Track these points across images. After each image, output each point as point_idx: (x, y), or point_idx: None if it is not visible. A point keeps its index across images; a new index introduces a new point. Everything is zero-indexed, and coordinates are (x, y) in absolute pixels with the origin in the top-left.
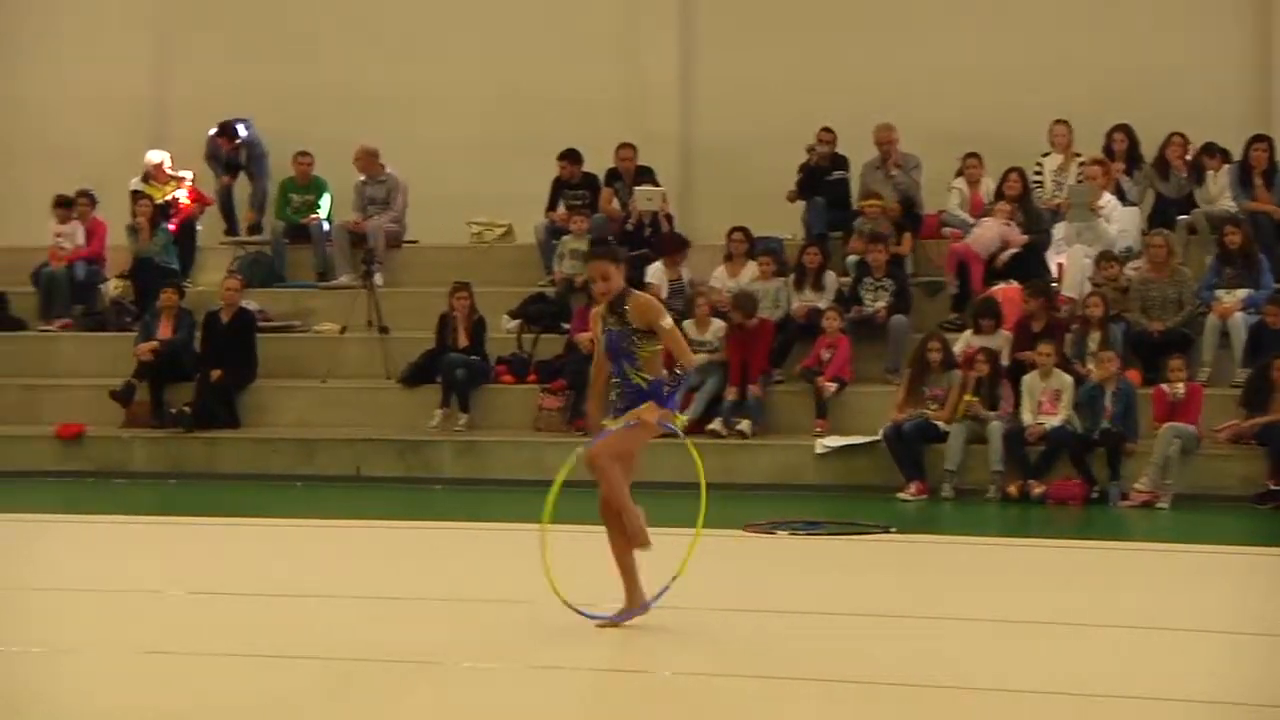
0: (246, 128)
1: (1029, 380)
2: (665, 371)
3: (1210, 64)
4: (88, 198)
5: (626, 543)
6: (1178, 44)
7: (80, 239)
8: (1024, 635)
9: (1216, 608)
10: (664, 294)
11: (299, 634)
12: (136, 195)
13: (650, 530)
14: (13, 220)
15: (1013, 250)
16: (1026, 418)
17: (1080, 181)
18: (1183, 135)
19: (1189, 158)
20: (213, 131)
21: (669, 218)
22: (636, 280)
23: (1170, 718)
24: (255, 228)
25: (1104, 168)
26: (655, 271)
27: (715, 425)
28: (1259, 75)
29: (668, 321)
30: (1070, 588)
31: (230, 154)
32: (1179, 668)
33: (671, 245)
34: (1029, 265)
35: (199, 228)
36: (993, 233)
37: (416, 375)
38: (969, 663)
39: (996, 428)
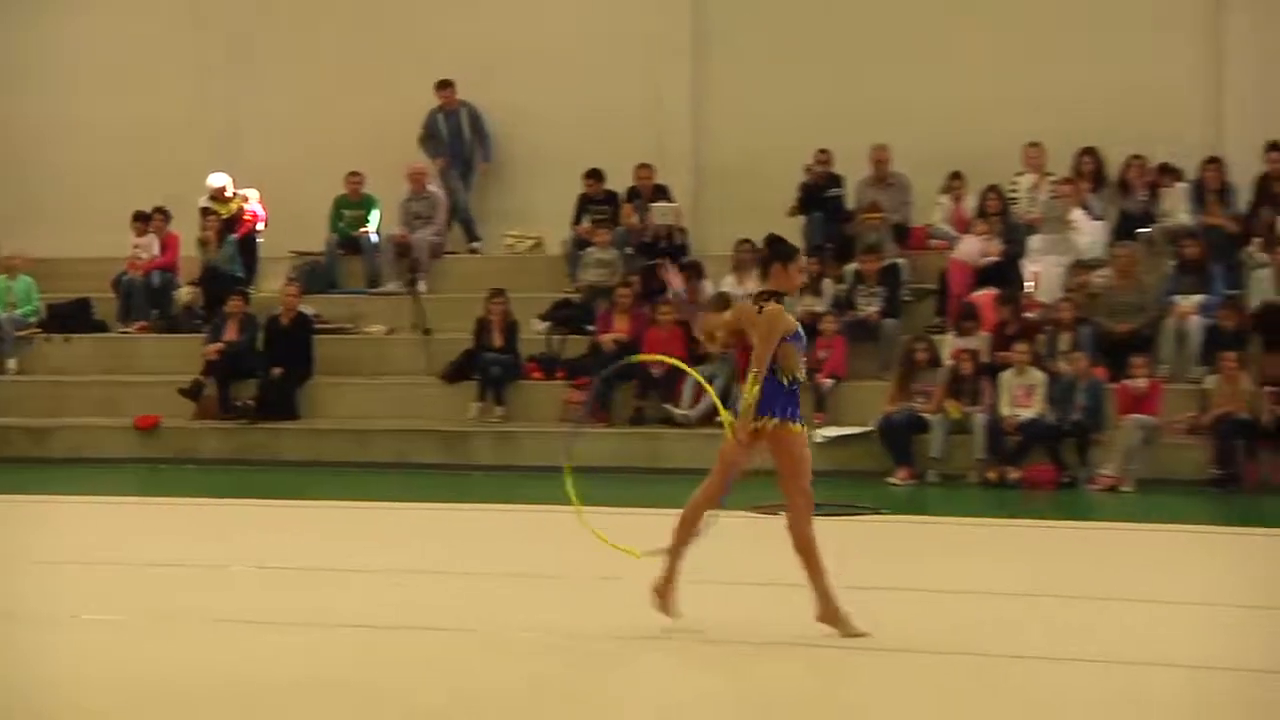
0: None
1: (1006, 377)
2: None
3: (1167, 93)
4: (163, 214)
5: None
6: (1137, 75)
7: (156, 250)
8: (1002, 605)
9: (1176, 581)
10: None
11: (350, 604)
12: (205, 212)
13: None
14: (96, 233)
15: (991, 260)
16: (1004, 410)
17: (1053, 198)
18: (1142, 157)
19: (1147, 178)
20: (435, 105)
21: (683, 230)
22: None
23: (1129, 679)
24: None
25: (1074, 186)
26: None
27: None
28: (1210, 103)
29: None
30: (1044, 563)
31: (451, 115)
32: (1141, 634)
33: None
34: (1007, 273)
35: (259, 240)
36: (974, 247)
37: (456, 372)
38: (956, 630)
39: (978, 420)
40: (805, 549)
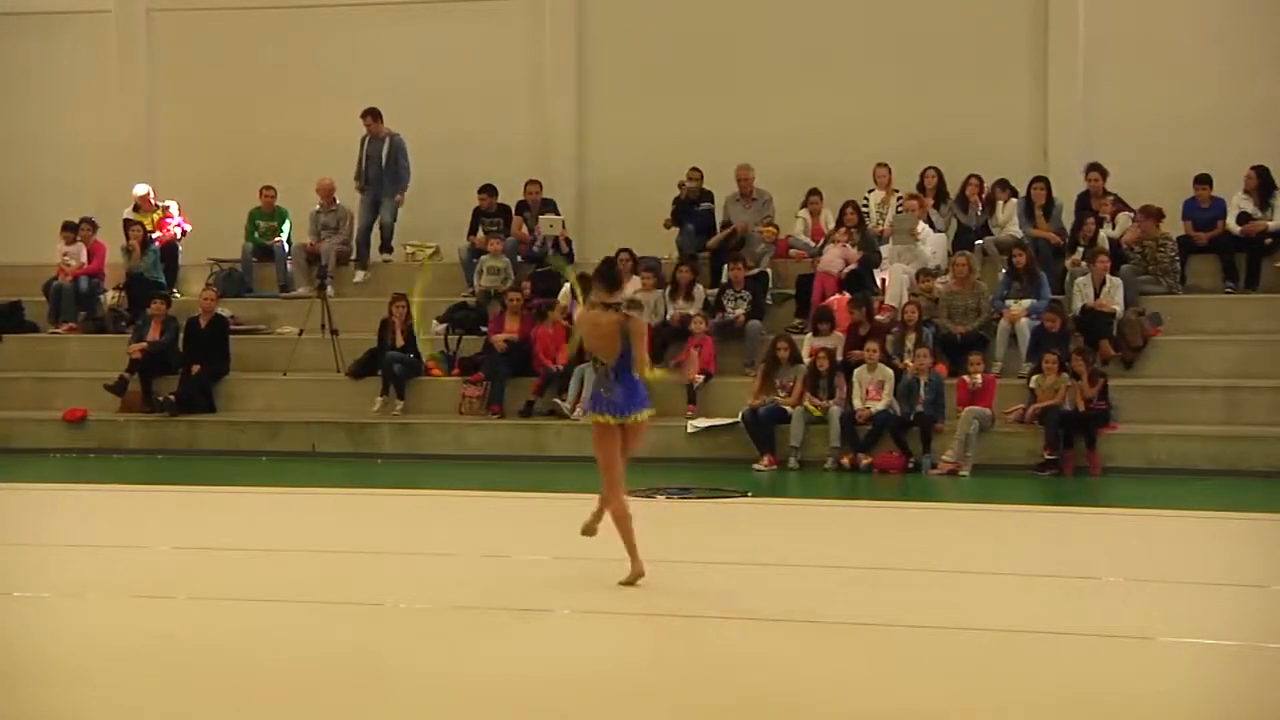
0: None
1: (858, 373)
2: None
3: (1001, 120)
4: (90, 224)
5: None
6: (975, 103)
7: (83, 258)
8: (855, 577)
9: (1007, 555)
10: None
11: (262, 580)
12: (129, 223)
13: None
14: (28, 241)
15: (850, 268)
16: (856, 403)
17: (901, 212)
18: (979, 176)
19: (983, 195)
20: (363, 131)
21: (568, 241)
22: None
23: (956, 641)
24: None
25: (919, 201)
26: (565, 294)
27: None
28: (1038, 129)
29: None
30: (893, 539)
31: (374, 141)
32: (974, 601)
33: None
34: (862, 280)
35: (180, 248)
36: (837, 255)
37: (361, 369)
38: (813, 599)
39: (834, 412)
40: (628, 519)
